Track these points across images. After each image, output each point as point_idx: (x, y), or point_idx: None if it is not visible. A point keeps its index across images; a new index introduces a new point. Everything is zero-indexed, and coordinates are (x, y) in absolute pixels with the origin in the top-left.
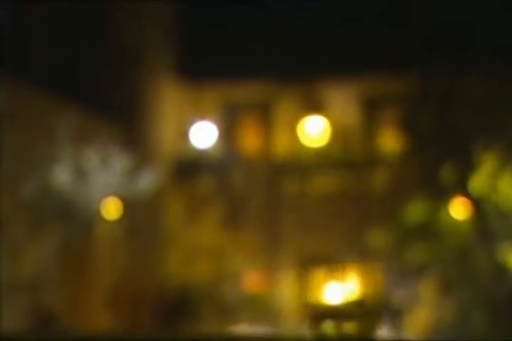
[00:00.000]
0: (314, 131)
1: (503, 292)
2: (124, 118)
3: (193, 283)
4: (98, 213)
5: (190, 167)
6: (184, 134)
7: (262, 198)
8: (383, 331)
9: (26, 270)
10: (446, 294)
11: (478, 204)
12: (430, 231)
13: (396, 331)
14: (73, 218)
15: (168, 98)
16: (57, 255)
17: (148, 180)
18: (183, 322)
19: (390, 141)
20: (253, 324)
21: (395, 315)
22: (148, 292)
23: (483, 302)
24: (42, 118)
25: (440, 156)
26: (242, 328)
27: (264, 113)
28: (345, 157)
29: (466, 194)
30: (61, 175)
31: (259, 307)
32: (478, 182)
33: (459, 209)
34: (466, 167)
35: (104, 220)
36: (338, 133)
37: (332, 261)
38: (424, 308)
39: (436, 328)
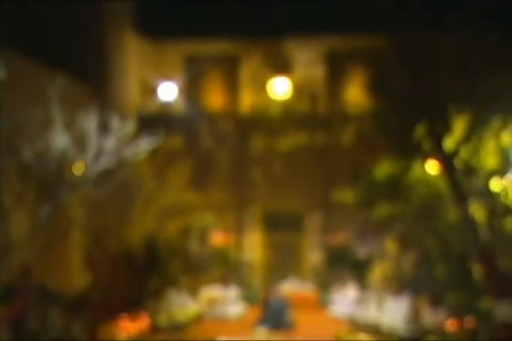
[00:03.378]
0: (280, 87)
1: (471, 245)
2: (91, 77)
3: (161, 241)
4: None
5: (155, 123)
6: (148, 90)
7: (228, 154)
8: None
9: (15, 232)
10: (408, 247)
11: (449, 162)
12: (398, 187)
13: (360, 281)
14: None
15: (131, 55)
16: (46, 218)
17: (145, 143)
18: (153, 277)
19: (356, 98)
20: (223, 283)
21: (359, 267)
22: (120, 251)
23: (446, 254)
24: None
25: (412, 115)
26: (214, 288)
27: (229, 69)
28: (312, 113)
29: (438, 152)
30: (54, 138)
31: (226, 262)
32: (451, 141)
33: (430, 166)
34: (438, 126)
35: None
36: (305, 90)
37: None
38: (387, 261)
39: (398, 279)
